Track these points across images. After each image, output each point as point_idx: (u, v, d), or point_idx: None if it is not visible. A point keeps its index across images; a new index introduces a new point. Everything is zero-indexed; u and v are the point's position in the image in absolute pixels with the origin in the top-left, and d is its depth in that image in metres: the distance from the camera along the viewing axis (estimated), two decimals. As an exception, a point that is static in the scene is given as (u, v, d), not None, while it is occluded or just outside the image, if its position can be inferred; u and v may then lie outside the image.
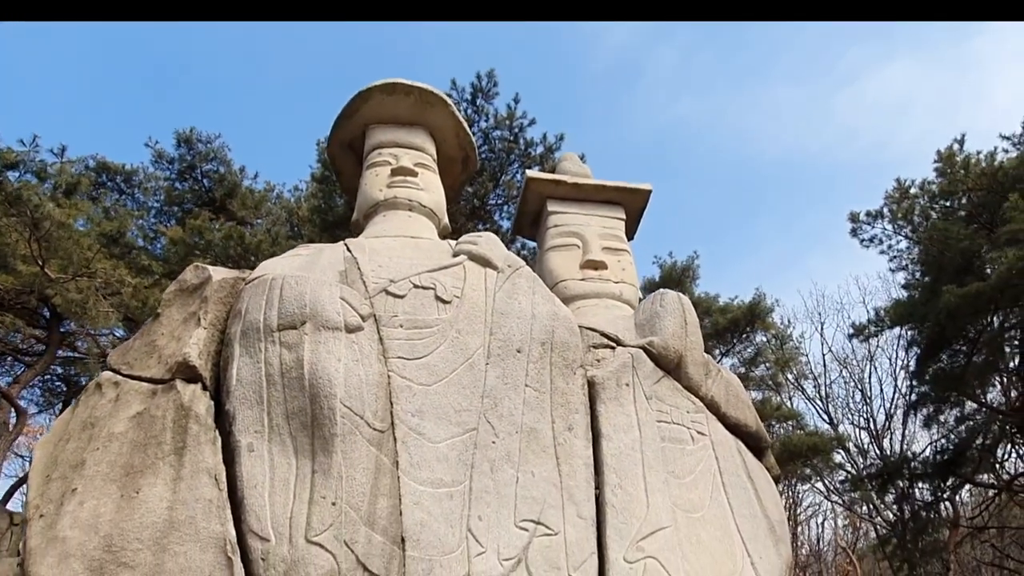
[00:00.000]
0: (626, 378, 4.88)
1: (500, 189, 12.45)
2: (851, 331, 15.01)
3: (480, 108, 12.34)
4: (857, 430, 18.13)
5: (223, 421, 4.10)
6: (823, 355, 23.06)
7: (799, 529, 19.95)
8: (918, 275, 14.27)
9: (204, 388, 4.20)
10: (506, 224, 11.11)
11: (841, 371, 19.41)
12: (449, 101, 6.27)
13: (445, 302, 4.55)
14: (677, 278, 12.70)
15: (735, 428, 5.15)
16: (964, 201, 13.13)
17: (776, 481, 5.50)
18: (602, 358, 5.03)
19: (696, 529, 4.48)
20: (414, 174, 5.79)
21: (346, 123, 6.26)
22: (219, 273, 4.70)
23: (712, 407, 5.11)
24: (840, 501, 18.94)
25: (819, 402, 18.68)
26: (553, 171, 7.12)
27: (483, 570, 3.91)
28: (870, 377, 18.69)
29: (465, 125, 6.45)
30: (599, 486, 4.48)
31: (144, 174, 12.81)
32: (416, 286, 4.56)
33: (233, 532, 3.74)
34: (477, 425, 4.27)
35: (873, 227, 14.47)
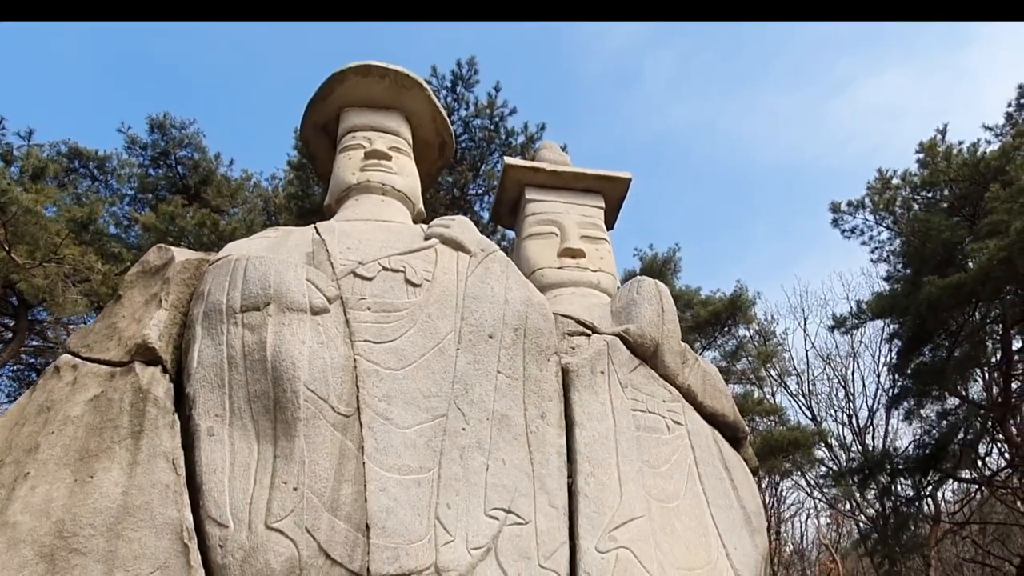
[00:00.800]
0: (601, 366, 4.78)
1: (480, 179, 12.31)
2: (832, 323, 15.03)
3: (460, 96, 12.20)
4: (840, 426, 18.25)
5: (184, 405, 3.97)
6: (806, 351, 23.07)
7: (782, 528, 19.95)
8: (900, 267, 14.21)
9: (164, 371, 4.07)
10: (487, 215, 10.88)
11: (824, 368, 19.55)
12: (425, 85, 6.15)
13: (415, 285, 4.43)
14: (658, 270, 12.58)
15: (712, 418, 5.06)
16: (946, 193, 13.02)
17: (754, 473, 5.42)
18: (577, 345, 4.94)
19: (671, 519, 4.39)
20: (388, 158, 5.66)
21: (320, 105, 6.12)
22: (183, 254, 4.57)
23: (689, 396, 5.02)
24: (823, 498, 18.99)
25: (802, 398, 18.78)
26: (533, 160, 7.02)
27: (451, 559, 3.81)
28: (853, 374, 18.78)
29: (442, 110, 6.33)
30: (572, 475, 4.38)
31: (118, 160, 12.58)
32: (385, 268, 4.44)
33: (190, 518, 3.61)
34: (447, 411, 4.16)
35: (854, 217, 14.42)
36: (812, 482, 17.96)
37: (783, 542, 19.36)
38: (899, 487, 15.40)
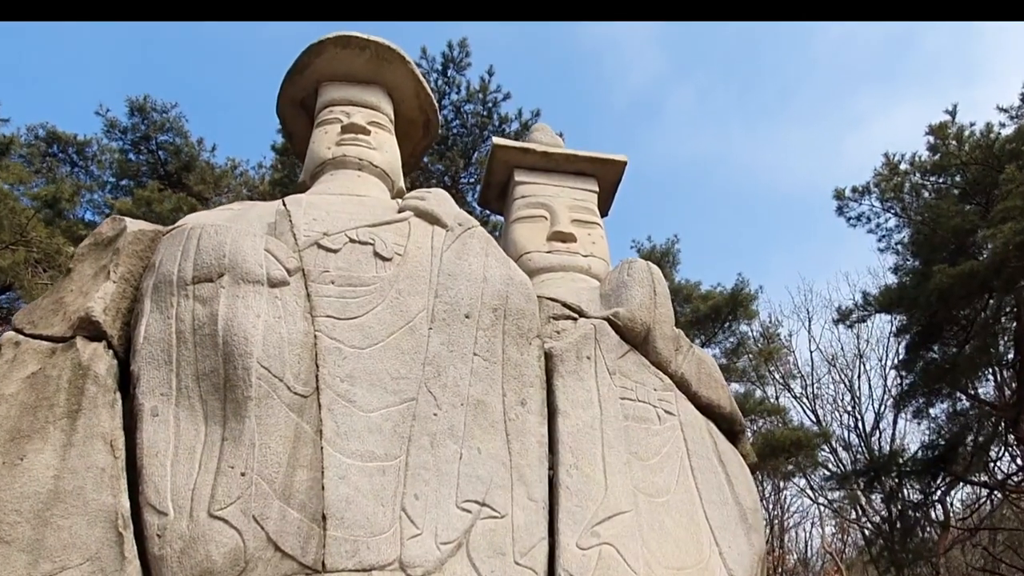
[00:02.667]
0: (587, 351, 4.45)
1: (473, 167, 11.93)
2: (837, 316, 14.52)
3: (451, 80, 11.83)
4: (845, 430, 17.81)
5: (130, 383, 3.65)
6: (811, 352, 22.63)
7: (786, 536, 19.54)
8: (908, 257, 13.64)
9: (109, 347, 3.74)
10: (479, 208, 10.58)
11: (829, 369, 19.11)
12: (408, 58, 5.82)
13: (385, 259, 4.10)
14: (656, 262, 12.10)
15: (707, 409, 4.72)
16: (958, 179, 12.47)
17: (752, 470, 5.08)
18: (562, 329, 4.61)
19: (659, 515, 4.05)
20: (366, 132, 5.34)
21: (297, 78, 5.80)
22: (137, 224, 4.24)
23: (682, 385, 4.68)
24: (827, 504, 18.54)
25: (806, 401, 18.34)
26: (525, 144, 6.70)
27: (417, 554, 3.48)
28: (859, 377, 18.35)
29: (427, 85, 6.02)
30: (553, 466, 4.05)
31: (99, 146, 12.17)
32: (353, 240, 4.11)
33: (127, 504, 3.29)
34: (417, 395, 3.83)
35: (860, 204, 13.74)
36: (815, 486, 17.54)
37: (787, 551, 18.93)
38: (906, 491, 14.94)
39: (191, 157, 11.78)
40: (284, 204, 4.43)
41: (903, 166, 13.33)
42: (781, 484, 18.68)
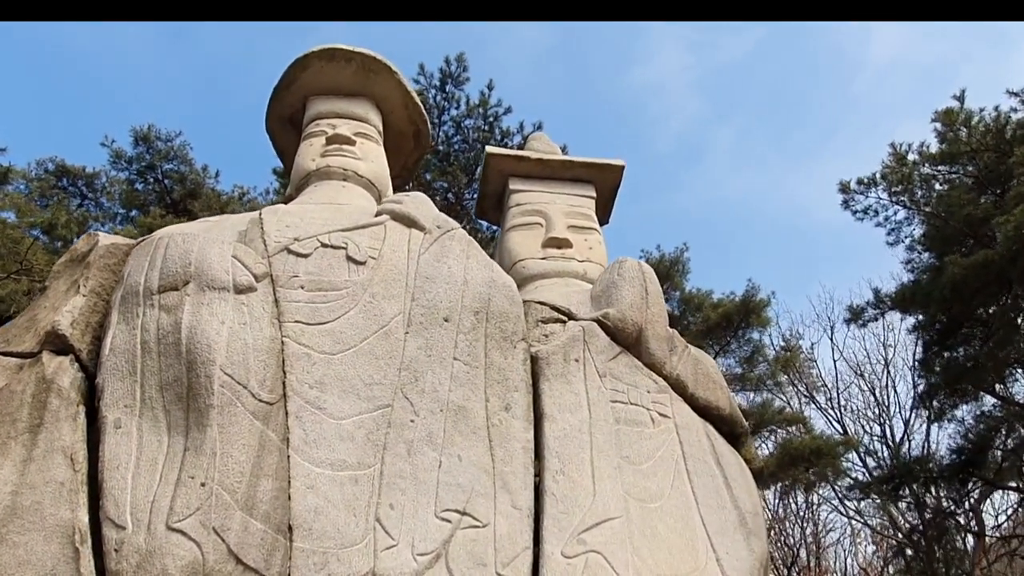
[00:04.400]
0: (575, 353, 4.28)
1: (476, 183, 11.84)
2: (848, 315, 13.96)
3: (450, 95, 11.78)
4: (873, 439, 17.23)
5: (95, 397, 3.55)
6: (834, 362, 21.93)
7: (821, 555, 18.93)
8: (920, 250, 13.06)
9: (76, 360, 3.66)
10: (486, 224, 10.50)
11: (855, 378, 18.60)
12: (396, 69, 5.75)
13: (358, 263, 3.98)
14: (665, 271, 11.83)
15: (705, 411, 4.52)
16: (970, 168, 11.95)
17: (757, 475, 4.85)
18: (551, 333, 4.45)
19: (652, 520, 3.85)
20: (351, 143, 5.25)
21: (284, 94, 5.75)
22: (110, 239, 4.18)
23: (678, 387, 4.49)
24: (859, 519, 17.93)
25: (831, 412, 17.84)
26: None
27: (392, 566, 3.33)
28: (887, 385, 17.81)
29: (415, 96, 5.93)
30: (539, 473, 3.88)
31: (107, 177, 12.27)
32: (324, 245, 4.00)
33: (85, 519, 3.18)
34: (392, 401, 3.70)
35: (867, 197, 13.14)
36: (841, 496, 16.91)
37: (824, 571, 18.32)
38: (938, 498, 14.28)
39: (196, 184, 11.82)
40: (260, 213, 4.34)
41: (911, 156, 12.85)
42: (815, 500, 18.21)
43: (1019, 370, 12.90)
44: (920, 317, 12.72)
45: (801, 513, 18.69)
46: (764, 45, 37.46)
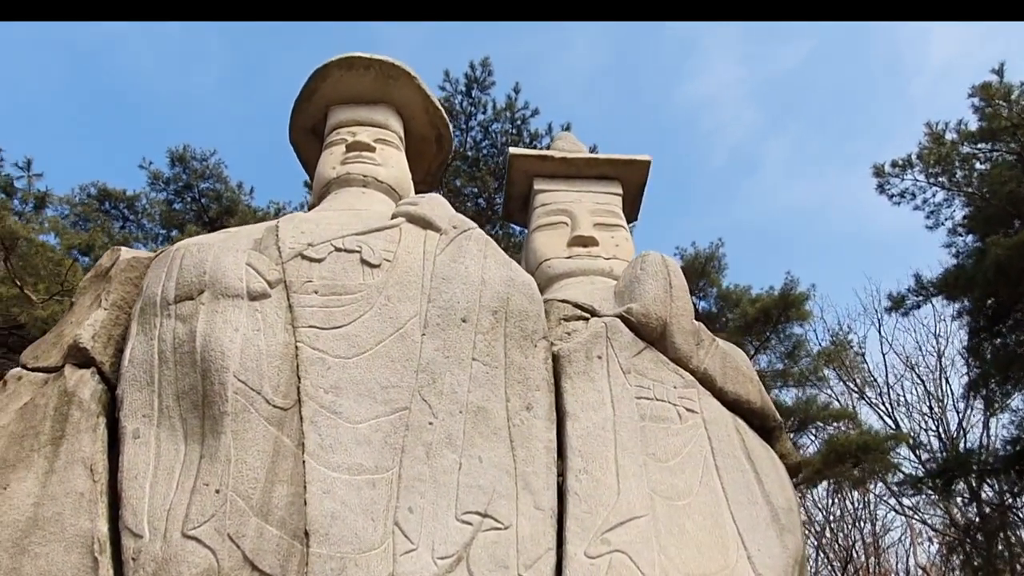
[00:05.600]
0: (598, 350, 4.20)
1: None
2: (889, 304, 13.47)
3: (476, 100, 11.77)
4: (927, 433, 16.67)
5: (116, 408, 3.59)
6: (883, 355, 21.26)
7: (881, 556, 18.40)
8: (961, 232, 12.51)
9: (97, 373, 3.70)
10: (518, 228, 10.40)
11: (906, 371, 18.02)
12: (415, 74, 5.75)
13: (373, 266, 3.96)
14: (700, 268, 11.62)
15: (735, 405, 4.40)
16: (1012, 145, 11.35)
17: (795, 471, 4.71)
18: (573, 331, 4.38)
19: (680, 518, 3.75)
20: (371, 149, 5.25)
21: (306, 105, 5.79)
22: (132, 252, 4.24)
23: (706, 381, 4.37)
24: (918, 515, 17.32)
25: (882, 407, 17.31)
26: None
27: (412, 570, 3.28)
28: (939, 376, 17.23)
29: (435, 100, 5.91)
30: (562, 472, 3.81)
31: (147, 199, 12.55)
32: (338, 249, 4.00)
33: (104, 529, 3.21)
34: (409, 404, 3.66)
35: (902, 180, 12.62)
36: (898, 492, 16.31)
37: (885, 572, 17.79)
38: (1000, 492, 13.67)
39: (232, 202, 12.02)
40: (277, 222, 4.36)
41: (948, 135, 12.23)
42: (871, 499, 17.70)
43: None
44: (965, 302, 12.22)
45: (856, 512, 18.21)
46: (817, 53, 36.85)
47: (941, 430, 16.46)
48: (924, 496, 15.38)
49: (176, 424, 3.41)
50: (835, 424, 12.50)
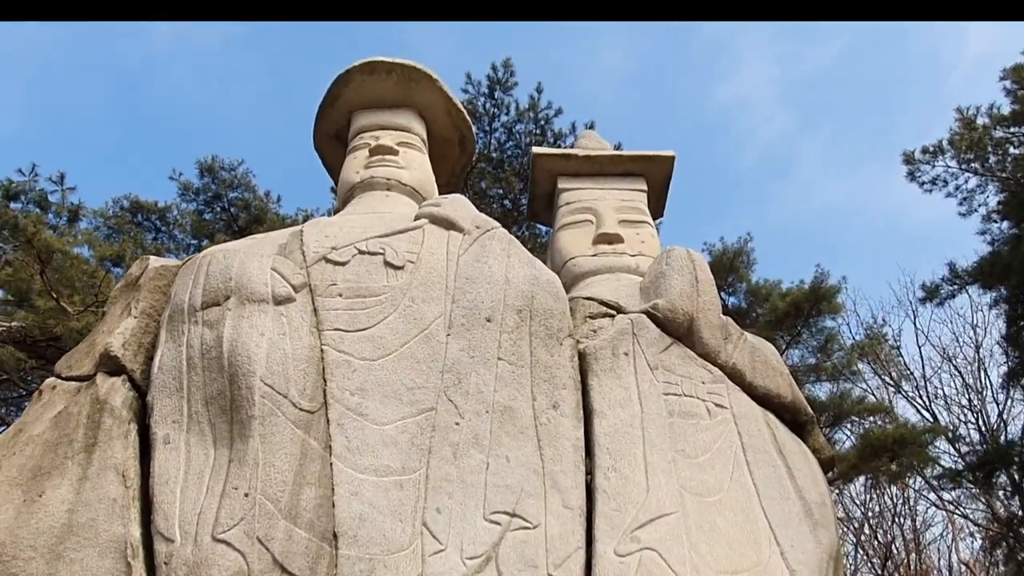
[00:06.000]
0: (624, 347, 4.18)
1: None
2: (922, 294, 13.16)
3: (499, 101, 11.77)
4: (966, 425, 16.35)
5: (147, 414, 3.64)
6: (919, 347, 20.73)
7: (922, 552, 18.07)
8: (996, 219, 12.10)
9: (128, 380, 3.75)
10: (545, 228, 10.37)
11: (943, 363, 17.69)
12: (436, 76, 5.76)
13: (396, 268, 3.98)
14: (728, 263, 11.49)
15: (765, 399, 4.34)
16: None
17: (828, 465, 4.65)
18: (599, 328, 4.36)
19: (710, 515, 3.71)
20: (394, 152, 5.28)
21: (329, 111, 5.83)
22: (160, 261, 4.30)
23: (735, 376, 4.33)
24: (959, 510, 16.96)
25: (920, 400, 17.00)
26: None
27: (441, 571, 3.28)
28: (978, 368, 16.87)
29: (457, 102, 5.93)
30: (591, 471, 3.79)
31: (178, 211, 12.73)
32: (361, 252, 4.02)
33: (137, 534, 3.24)
34: (436, 404, 3.66)
35: (933, 166, 12.31)
36: (938, 487, 15.97)
37: (926, 568, 17.47)
38: None
39: (261, 210, 12.14)
40: (302, 226, 4.40)
41: (980, 119, 11.87)
42: (911, 494, 17.37)
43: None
44: (1002, 291, 11.92)
45: (896, 507, 17.91)
46: (849, 51, 36.17)
47: (980, 422, 16.15)
48: (964, 490, 15.08)
49: (205, 429, 3.45)
50: (871, 418, 12.29)
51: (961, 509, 17.20)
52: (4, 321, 9.46)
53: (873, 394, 15.53)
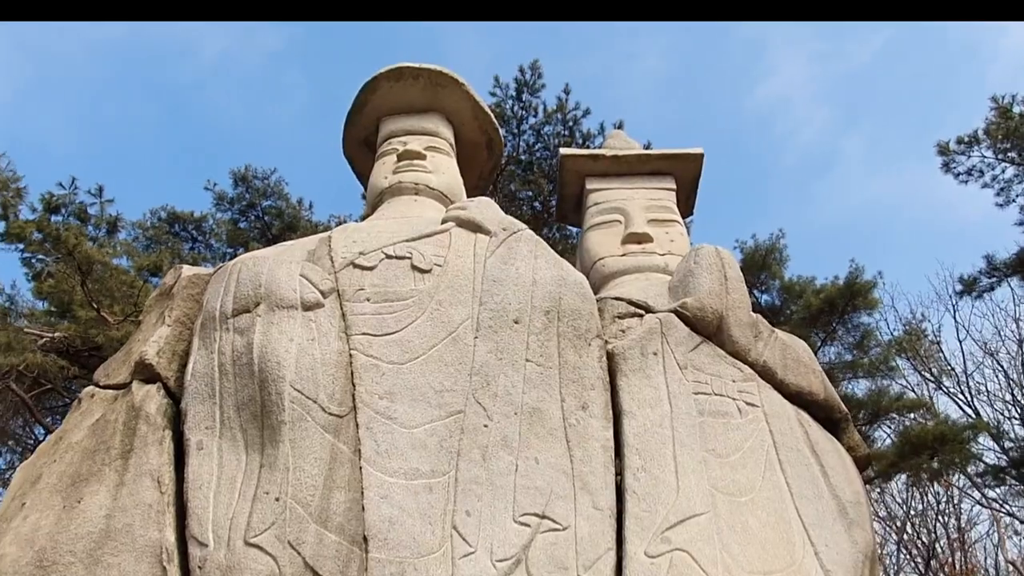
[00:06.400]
0: (653, 346, 4.16)
1: (560, 188, 11.81)
2: (960, 288, 13.01)
3: (527, 104, 11.76)
4: (1010, 421, 15.94)
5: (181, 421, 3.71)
6: (959, 341, 20.27)
7: (968, 552, 17.68)
8: None
9: (163, 387, 3.83)
10: (575, 229, 10.36)
11: (985, 357, 17.28)
12: (463, 80, 5.79)
13: (423, 271, 4.00)
14: (761, 260, 11.35)
15: (797, 397, 4.30)
16: None
17: (865, 463, 4.59)
18: (628, 328, 4.34)
19: (742, 515, 3.68)
20: (422, 157, 5.31)
21: (357, 118, 5.89)
22: (193, 270, 4.37)
23: (766, 374, 4.29)
24: (1005, 508, 16.56)
25: (961, 396, 16.63)
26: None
27: (471, 573, 3.28)
28: (1021, 362, 16.41)
29: (484, 105, 5.95)
30: (620, 471, 3.77)
31: (214, 220, 12.91)
32: (389, 256, 4.05)
33: (171, 538, 3.30)
34: (464, 407, 3.67)
35: (969, 157, 11.96)
36: (983, 485, 15.56)
37: (972, 568, 17.08)
38: None
39: (294, 218, 12.30)
40: (330, 233, 4.45)
41: (1016, 108, 11.48)
42: (955, 492, 16.98)
43: None
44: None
45: (939, 506, 17.55)
46: (889, 47, 35.57)
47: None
48: (1009, 487, 14.73)
49: (237, 435, 3.50)
50: (910, 415, 12.05)
51: (1007, 507, 16.81)
52: (47, 331, 9.75)
53: (913, 390, 15.24)
